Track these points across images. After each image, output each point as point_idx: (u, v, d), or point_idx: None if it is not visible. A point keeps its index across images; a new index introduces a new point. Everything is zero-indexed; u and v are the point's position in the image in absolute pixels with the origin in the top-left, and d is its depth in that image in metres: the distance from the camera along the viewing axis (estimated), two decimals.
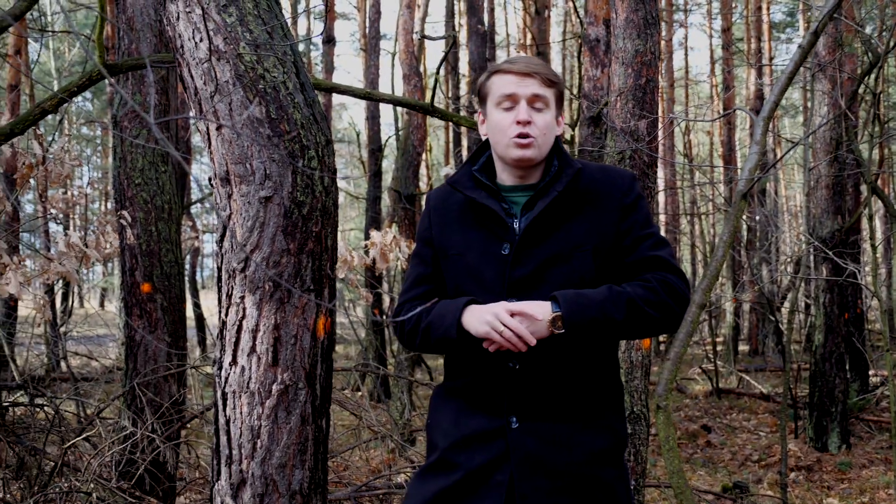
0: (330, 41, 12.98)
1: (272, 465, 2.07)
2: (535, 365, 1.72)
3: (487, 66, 7.30)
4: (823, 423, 6.73)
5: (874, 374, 8.97)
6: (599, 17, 4.21)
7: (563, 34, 15.95)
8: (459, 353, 1.79)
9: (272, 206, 2.04)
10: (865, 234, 9.45)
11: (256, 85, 2.03)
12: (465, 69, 14.06)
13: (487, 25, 11.86)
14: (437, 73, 3.96)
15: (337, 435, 5.14)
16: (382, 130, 11.28)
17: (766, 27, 15.33)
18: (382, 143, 10.56)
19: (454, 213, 1.86)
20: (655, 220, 3.44)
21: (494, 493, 1.68)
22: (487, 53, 10.88)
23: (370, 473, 4.82)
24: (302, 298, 2.07)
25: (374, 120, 10.66)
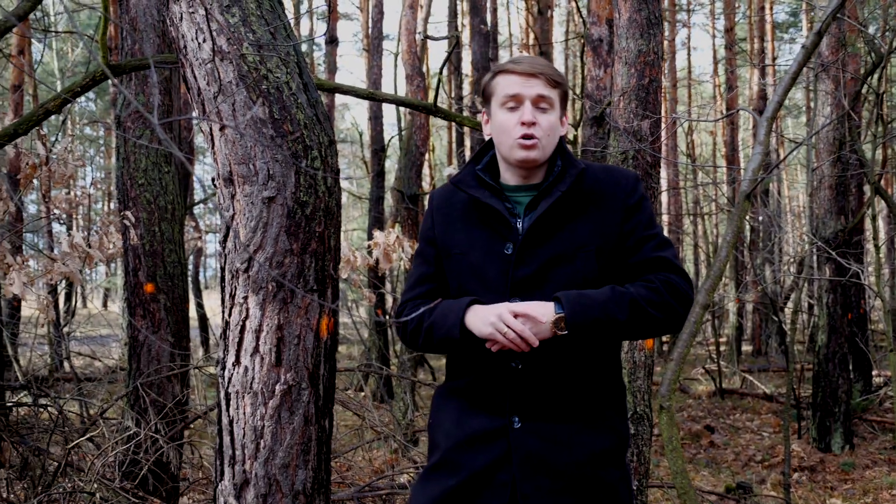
0: (333, 41, 12.99)
1: (275, 465, 2.07)
2: (537, 365, 1.72)
3: (490, 66, 7.29)
4: (827, 423, 6.72)
5: (877, 374, 8.95)
6: (602, 16, 4.21)
7: (565, 34, 15.92)
8: (462, 352, 1.79)
9: (275, 206, 2.04)
10: (869, 234, 9.44)
11: (260, 85, 2.03)
12: (467, 69, 14.05)
13: (490, 25, 11.86)
14: (439, 73, 3.95)
15: (340, 435, 5.14)
16: (385, 130, 11.29)
17: (769, 27, 15.31)
18: (385, 143, 10.56)
19: (457, 212, 1.85)
20: (658, 220, 3.43)
21: (498, 493, 1.68)
22: (490, 53, 10.87)
23: (373, 474, 4.81)
24: (305, 299, 2.07)
25: (376, 120, 10.67)
